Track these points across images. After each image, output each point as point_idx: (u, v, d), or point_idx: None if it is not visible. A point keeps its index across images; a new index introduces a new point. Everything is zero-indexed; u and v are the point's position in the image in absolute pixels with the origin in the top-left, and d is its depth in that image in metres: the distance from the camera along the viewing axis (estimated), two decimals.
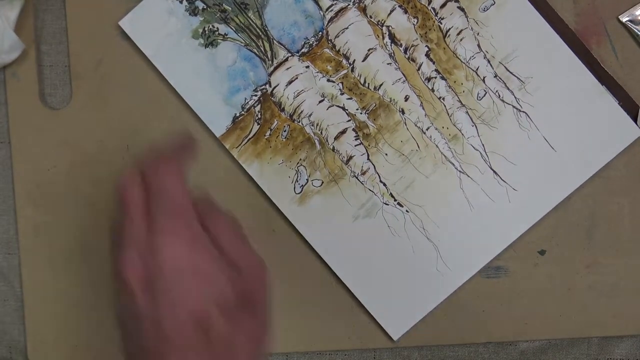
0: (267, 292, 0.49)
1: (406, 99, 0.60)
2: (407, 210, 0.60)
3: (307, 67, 0.60)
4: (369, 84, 0.60)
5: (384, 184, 0.60)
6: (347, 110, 0.60)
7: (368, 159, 0.60)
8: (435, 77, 0.60)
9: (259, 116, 0.60)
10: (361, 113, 0.60)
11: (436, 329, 0.60)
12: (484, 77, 0.60)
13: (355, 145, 0.60)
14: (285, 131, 0.60)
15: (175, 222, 0.46)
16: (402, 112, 0.60)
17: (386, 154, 0.60)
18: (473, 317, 0.60)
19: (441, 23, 0.60)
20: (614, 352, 0.61)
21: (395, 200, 0.60)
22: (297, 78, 0.60)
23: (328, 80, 0.60)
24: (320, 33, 0.60)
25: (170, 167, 0.47)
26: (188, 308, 0.45)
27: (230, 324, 0.46)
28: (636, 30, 0.59)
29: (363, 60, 0.60)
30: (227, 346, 0.45)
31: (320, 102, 0.60)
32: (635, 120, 0.59)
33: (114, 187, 0.48)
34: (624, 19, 0.59)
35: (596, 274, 0.61)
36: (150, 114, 0.60)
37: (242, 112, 0.60)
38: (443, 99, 0.60)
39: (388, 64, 0.60)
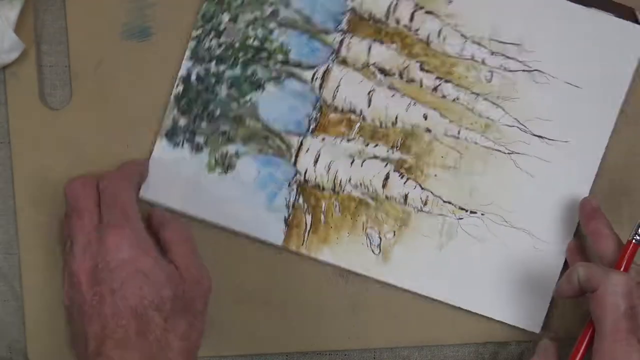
0: (205, 302, 0.54)
1: (425, 117, 0.60)
2: (482, 214, 0.60)
3: (323, 139, 0.60)
4: (385, 123, 0.60)
5: (449, 202, 0.60)
6: (379, 157, 0.60)
7: (422, 188, 0.60)
8: (440, 84, 0.60)
9: (306, 206, 0.60)
10: (393, 152, 0.60)
11: (436, 329, 0.61)
12: (482, 60, 0.59)
13: (405, 183, 0.60)
14: (336, 206, 0.60)
15: (123, 223, 0.52)
16: (429, 130, 0.60)
17: (435, 175, 0.60)
18: (473, 317, 0.60)
19: (418, 34, 0.59)
20: None
21: (466, 211, 0.60)
22: (320, 154, 0.60)
23: (348, 141, 0.60)
24: (318, 103, 0.60)
25: (124, 179, 0.55)
26: (129, 304, 0.50)
27: (166, 324, 0.50)
28: None
29: (369, 106, 0.59)
30: (161, 345, 0.50)
31: (352, 163, 0.60)
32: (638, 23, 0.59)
33: (64, 186, 0.55)
34: None
35: None
36: (151, 114, 0.60)
37: (290, 211, 0.60)
38: (457, 99, 0.60)
39: (392, 96, 0.60)
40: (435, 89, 0.60)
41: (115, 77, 0.60)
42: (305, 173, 0.60)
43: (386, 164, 0.60)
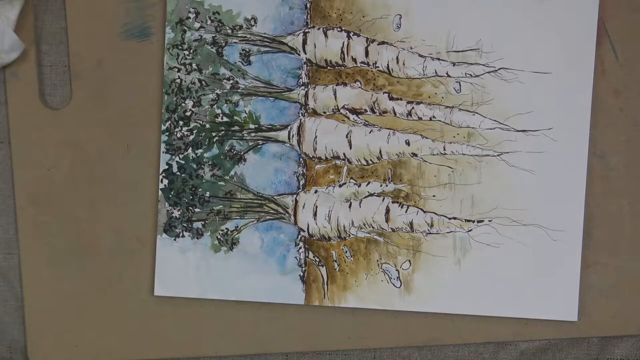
0: None
1: (407, 143, 0.60)
2: (489, 220, 0.59)
3: (316, 191, 0.60)
4: (371, 159, 0.60)
5: (454, 218, 0.60)
6: (374, 193, 0.60)
7: (424, 211, 0.60)
8: (413, 108, 0.60)
9: (318, 259, 0.60)
10: (387, 185, 0.60)
11: (436, 329, 0.60)
12: (446, 73, 0.60)
13: (406, 211, 0.60)
14: (346, 252, 0.60)
15: None
16: (414, 155, 0.60)
17: (434, 195, 0.60)
18: (473, 317, 0.60)
19: (377, 67, 0.60)
20: (614, 352, 0.61)
21: (473, 222, 0.60)
22: (317, 207, 0.60)
23: (340, 186, 0.60)
24: (301, 159, 0.60)
25: None
26: None
27: None
28: None
29: (351, 148, 0.60)
30: None
31: (350, 206, 0.60)
32: None
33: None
34: None
35: (596, 274, 0.60)
36: (151, 114, 0.60)
37: (304, 269, 0.60)
38: (434, 117, 0.60)
39: (370, 132, 0.60)
40: (409, 113, 0.60)
41: (115, 77, 0.60)
42: (308, 228, 0.60)
43: (383, 198, 0.60)
